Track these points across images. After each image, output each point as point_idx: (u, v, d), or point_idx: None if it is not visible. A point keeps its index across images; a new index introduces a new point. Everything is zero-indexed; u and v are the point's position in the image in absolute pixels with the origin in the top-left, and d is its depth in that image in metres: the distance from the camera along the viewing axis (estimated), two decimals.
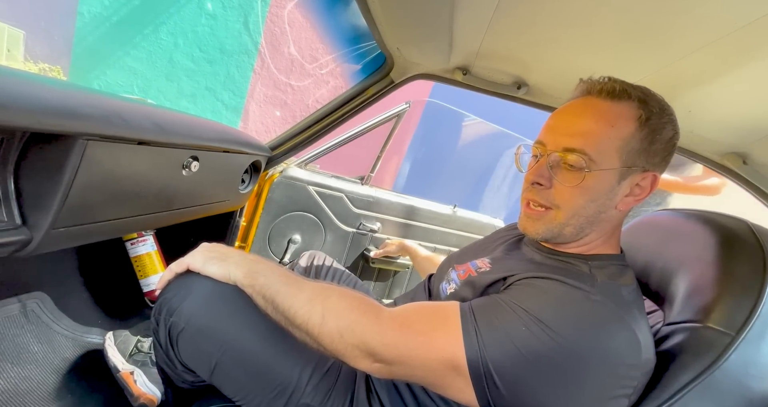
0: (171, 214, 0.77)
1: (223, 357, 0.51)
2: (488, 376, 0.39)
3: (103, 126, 0.46)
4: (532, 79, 0.87)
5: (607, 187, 0.48)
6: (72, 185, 0.45)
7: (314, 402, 0.52)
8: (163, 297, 0.53)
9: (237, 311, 0.52)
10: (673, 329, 0.47)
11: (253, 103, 3.52)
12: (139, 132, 0.54)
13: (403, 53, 0.91)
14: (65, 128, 0.40)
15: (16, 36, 2.68)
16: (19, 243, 0.44)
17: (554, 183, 0.50)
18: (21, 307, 0.80)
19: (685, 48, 0.55)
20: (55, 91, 0.42)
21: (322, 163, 1.34)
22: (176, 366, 0.55)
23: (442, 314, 0.45)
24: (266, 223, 1.24)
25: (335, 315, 0.46)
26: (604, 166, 0.47)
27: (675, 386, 0.41)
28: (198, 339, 0.51)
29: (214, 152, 0.79)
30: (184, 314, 0.51)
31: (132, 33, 3.07)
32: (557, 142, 0.50)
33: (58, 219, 0.46)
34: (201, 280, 0.53)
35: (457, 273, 0.61)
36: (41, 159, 0.44)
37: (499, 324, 0.42)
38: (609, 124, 0.47)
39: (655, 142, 0.48)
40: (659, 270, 0.57)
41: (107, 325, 0.98)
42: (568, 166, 0.48)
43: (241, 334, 0.51)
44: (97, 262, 1.03)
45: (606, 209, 0.50)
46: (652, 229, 0.66)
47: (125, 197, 0.59)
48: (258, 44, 3.37)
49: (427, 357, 0.42)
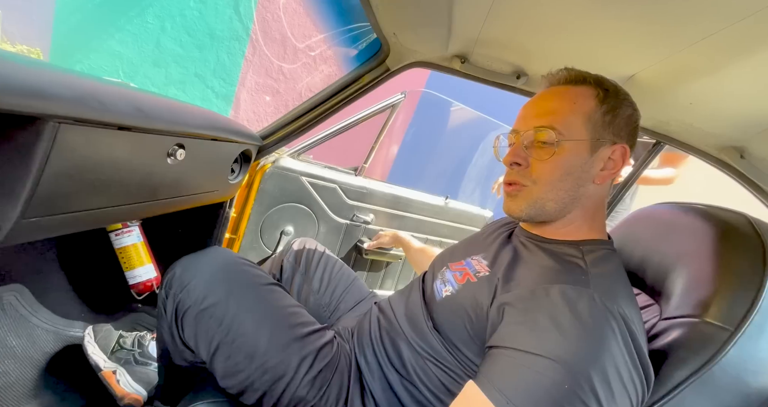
0: (156, 204, 0.73)
1: (225, 339, 0.52)
2: None
3: (78, 108, 0.42)
4: (532, 69, 0.85)
5: (580, 159, 0.51)
6: (43, 172, 0.42)
7: (309, 395, 0.52)
8: (174, 273, 0.55)
9: (244, 297, 0.54)
10: (670, 324, 0.47)
11: (244, 91, 3.43)
12: (119, 116, 0.50)
13: (399, 39, 0.87)
14: (32, 109, 0.37)
15: None
16: None
17: (530, 161, 0.54)
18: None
19: (686, 39, 0.54)
20: (23, 68, 0.38)
21: (315, 152, 1.31)
22: (177, 344, 0.54)
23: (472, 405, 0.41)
24: (258, 215, 1.22)
25: None
26: (573, 137, 0.51)
27: (672, 381, 0.41)
28: (203, 319, 0.52)
29: (201, 140, 0.75)
30: (192, 293, 0.53)
31: (116, 15, 2.94)
32: (528, 124, 0.54)
33: (28, 208, 0.43)
34: (212, 259, 0.55)
35: (453, 274, 0.60)
36: (7, 143, 0.40)
37: (524, 386, 0.39)
38: (571, 102, 0.52)
39: (617, 117, 0.52)
40: (656, 264, 0.57)
41: (91, 319, 0.95)
42: (540, 143, 0.52)
43: (245, 320, 0.53)
44: (80, 254, 0.99)
45: (583, 182, 0.52)
46: (649, 223, 0.65)
47: (105, 186, 0.56)
48: (249, 30, 3.26)
49: None
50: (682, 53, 0.58)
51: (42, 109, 0.38)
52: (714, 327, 0.42)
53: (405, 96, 1.33)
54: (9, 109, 0.34)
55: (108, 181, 0.56)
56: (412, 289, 0.69)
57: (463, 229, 1.63)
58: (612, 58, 0.67)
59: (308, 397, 0.52)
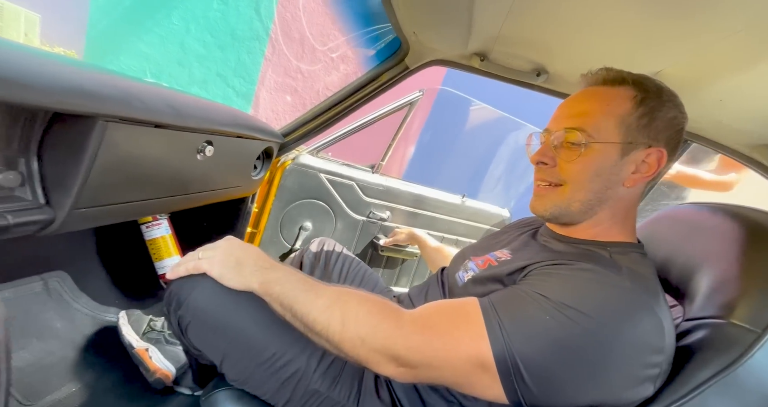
0: (185, 198, 0.78)
1: (229, 348, 0.52)
2: (516, 370, 0.39)
3: (123, 108, 0.46)
4: (553, 66, 0.84)
5: (609, 161, 0.50)
6: (93, 166, 0.46)
7: (322, 388, 0.53)
8: (171, 290, 0.54)
9: (242, 303, 0.53)
10: (695, 324, 0.46)
11: (263, 90, 3.51)
12: (157, 115, 0.54)
13: (419, 38, 0.88)
14: (87, 109, 0.40)
15: (32, 20, 2.70)
16: (43, 223, 0.45)
17: (558, 161, 0.53)
18: (43, 285, 0.83)
19: (716, 34, 0.52)
20: (77, 71, 0.42)
21: (333, 149, 1.34)
22: (192, 349, 0.57)
23: (463, 312, 0.45)
24: (278, 210, 1.25)
25: (355, 320, 0.45)
26: (602, 139, 0.50)
27: (695, 381, 0.41)
28: (205, 332, 0.52)
29: (228, 137, 0.79)
30: (190, 308, 0.52)
31: (144, 18, 3.06)
32: (559, 124, 0.54)
33: (79, 199, 0.46)
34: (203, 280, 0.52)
35: (475, 263, 0.61)
36: (63, 140, 0.44)
37: (522, 316, 0.41)
38: (605, 103, 0.51)
39: (656, 120, 0.50)
40: (681, 265, 0.56)
41: (123, 305, 1.01)
42: (569, 143, 0.52)
43: (247, 326, 0.52)
44: (114, 244, 1.05)
45: (612, 184, 0.51)
46: (674, 223, 0.64)
47: (142, 180, 0.60)
48: (269, 30, 3.33)
49: (453, 356, 0.41)
50: (711, 48, 0.56)
51: (95, 109, 0.41)
52: (740, 329, 0.41)
53: (423, 93, 1.33)
54: (67, 109, 0.37)
55: (145, 175, 0.60)
56: (431, 284, 0.71)
57: (480, 228, 1.62)
58: (637, 54, 0.66)
59: (321, 389, 0.52)
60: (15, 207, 0.41)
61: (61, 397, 0.72)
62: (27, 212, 0.42)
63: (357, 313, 0.46)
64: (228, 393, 0.53)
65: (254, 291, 0.51)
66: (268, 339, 0.52)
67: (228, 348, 0.52)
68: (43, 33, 2.83)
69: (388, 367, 0.44)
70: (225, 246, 0.56)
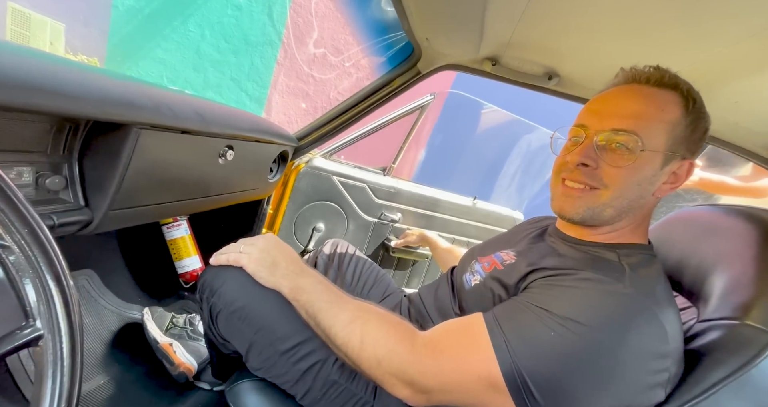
0: (207, 200, 0.81)
1: (256, 338, 0.55)
2: (525, 388, 0.39)
3: (155, 115, 0.49)
4: (565, 70, 0.85)
5: (652, 171, 0.49)
6: (127, 171, 0.49)
7: (341, 379, 0.55)
8: (206, 279, 0.58)
9: (270, 296, 0.56)
10: (708, 326, 0.46)
11: (276, 94, 3.57)
12: (184, 121, 0.57)
13: (432, 43, 0.90)
14: (124, 118, 0.43)
15: (57, 29, 2.82)
16: (83, 223, 0.48)
17: (601, 163, 0.50)
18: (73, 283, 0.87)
19: (732, 36, 0.53)
20: (113, 82, 0.45)
21: (345, 151, 1.36)
22: (218, 339, 0.60)
23: (470, 332, 0.45)
24: (292, 212, 1.28)
25: (374, 342, 0.46)
26: (653, 147, 0.48)
27: (708, 382, 0.41)
28: (234, 321, 0.55)
29: (247, 141, 0.82)
30: (222, 297, 0.55)
31: (162, 25, 3.16)
32: (604, 123, 0.50)
33: (114, 201, 0.50)
34: (235, 273, 0.57)
35: (481, 265, 0.62)
36: (101, 146, 0.48)
37: (527, 332, 0.41)
38: (659, 108, 0.48)
39: (696, 131, 0.49)
40: (694, 266, 0.56)
41: (146, 302, 1.06)
42: (619, 145, 0.48)
43: (273, 318, 0.55)
44: (136, 245, 1.10)
45: (646, 195, 0.50)
46: (688, 225, 0.64)
47: (169, 183, 0.63)
48: (281, 35, 3.40)
49: (464, 379, 0.42)
50: (726, 51, 0.56)
51: (130, 117, 0.44)
52: (755, 330, 0.42)
53: (434, 97, 1.35)
54: (108, 118, 0.41)
55: (172, 178, 0.63)
56: (441, 283, 0.72)
57: (491, 230, 1.62)
58: (651, 56, 0.66)
59: (340, 381, 0.54)
60: (59, 209, 0.45)
61: (90, 389, 0.75)
62: (69, 213, 0.46)
63: (376, 334, 0.47)
64: (251, 385, 0.56)
65: (284, 294, 0.55)
66: (292, 331, 0.55)
67: (254, 338, 0.55)
68: (68, 41, 2.95)
69: (403, 391, 0.44)
70: (263, 244, 0.59)
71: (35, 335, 0.19)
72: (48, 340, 0.19)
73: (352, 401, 0.55)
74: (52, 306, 0.20)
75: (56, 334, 0.20)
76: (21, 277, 0.19)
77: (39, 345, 0.19)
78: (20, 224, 0.19)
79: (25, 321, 0.19)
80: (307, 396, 0.55)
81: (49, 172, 0.44)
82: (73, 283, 0.21)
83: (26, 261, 0.19)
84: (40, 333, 0.19)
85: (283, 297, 0.56)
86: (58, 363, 0.19)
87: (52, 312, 0.20)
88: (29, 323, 0.19)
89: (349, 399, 0.55)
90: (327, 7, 3.42)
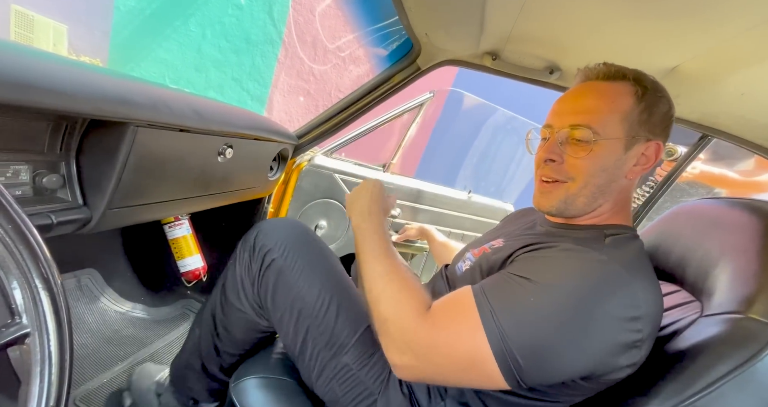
0: (207, 199, 0.81)
1: (295, 302, 0.60)
2: (511, 356, 0.40)
3: (152, 113, 0.49)
4: (566, 63, 0.83)
5: (614, 157, 0.52)
6: (125, 169, 0.49)
7: (354, 363, 0.57)
8: (257, 234, 0.66)
9: (317, 265, 0.63)
10: (712, 320, 0.46)
11: (277, 93, 3.57)
12: (182, 119, 0.57)
13: (431, 39, 0.89)
14: (121, 115, 0.43)
15: (60, 30, 2.83)
16: (81, 222, 0.48)
17: (565, 157, 0.54)
18: (77, 282, 0.88)
19: (735, 27, 0.51)
20: (111, 80, 0.45)
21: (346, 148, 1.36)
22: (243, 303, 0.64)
23: (458, 304, 0.47)
24: (295, 210, 1.28)
25: (386, 301, 0.50)
26: (609, 136, 0.51)
27: (712, 376, 0.40)
28: (281, 281, 0.61)
29: (246, 139, 0.82)
30: (276, 255, 0.62)
31: (163, 25, 3.17)
32: (563, 121, 0.54)
33: (113, 200, 0.50)
34: (291, 226, 0.66)
35: (472, 253, 0.64)
36: (98, 145, 0.48)
37: (511, 301, 0.43)
38: (610, 100, 0.52)
39: (654, 115, 0.52)
40: (698, 260, 0.55)
41: (149, 302, 1.06)
42: (575, 140, 0.53)
43: (315, 288, 0.61)
44: (139, 244, 1.10)
45: (616, 178, 0.53)
46: (692, 218, 0.63)
47: (168, 181, 0.63)
48: (282, 33, 3.39)
49: (453, 351, 0.43)
50: (731, 42, 0.55)
51: (128, 115, 0.44)
52: (759, 324, 0.41)
53: (433, 95, 1.34)
54: (105, 116, 0.41)
55: (170, 176, 0.63)
56: (437, 280, 0.73)
57: (486, 223, 1.65)
58: (653, 49, 0.65)
59: (353, 366, 0.57)
60: (57, 208, 0.45)
61: (95, 386, 0.76)
62: (67, 212, 0.46)
63: (393, 295, 0.50)
64: (255, 381, 0.56)
65: (353, 226, 0.62)
66: (327, 304, 0.60)
67: (293, 301, 0.60)
68: (71, 43, 2.97)
69: (395, 355, 0.47)
70: (368, 183, 0.67)
71: (21, 333, 0.19)
72: (35, 338, 0.19)
73: (359, 389, 0.57)
74: (39, 303, 0.19)
75: (43, 332, 0.19)
76: (6, 274, 0.19)
77: (26, 343, 0.19)
78: (4, 220, 0.19)
79: (11, 318, 0.19)
80: (322, 375, 0.57)
81: (46, 171, 0.44)
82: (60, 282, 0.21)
83: (11, 258, 0.19)
84: (27, 330, 0.19)
85: (331, 267, 0.64)
86: (46, 361, 0.19)
87: (39, 310, 0.19)
88: (15, 321, 0.19)
89: (356, 385, 0.57)
90: (327, 5, 3.40)
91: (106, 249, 1.01)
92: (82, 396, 0.72)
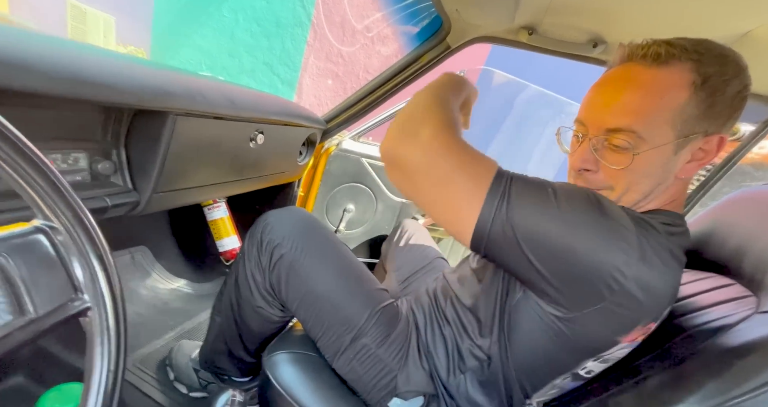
0: (241, 183, 0.85)
1: (309, 289, 0.61)
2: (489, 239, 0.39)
3: (189, 103, 0.51)
4: (612, 35, 0.76)
5: (661, 162, 0.44)
6: (167, 155, 0.52)
7: (373, 343, 0.58)
8: (263, 226, 0.64)
9: (326, 251, 0.63)
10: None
11: (306, 77, 3.59)
12: (216, 107, 0.59)
13: (462, 14, 0.84)
14: (162, 105, 0.46)
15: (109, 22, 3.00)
16: (132, 205, 0.53)
17: (601, 166, 0.46)
18: (131, 258, 0.98)
19: None
20: (152, 72, 0.47)
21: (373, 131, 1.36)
22: (260, 291, 0.65)
23: (477, 168, 0.41)
24: (323, 194, 1.31)
25: (415, 105, 0.45)
26: (656, 142, 0.42)
27: (762, 378, 0.38)
28: (293, 271, 0.61)
29: (276, 125, 0.84)
30: (284, 246, 0.61)
31: (199, 12, 3.25)
32: (598, 121, 0.45)
33: (157, 184, 0.54)
34: (295, 216, 0.65)
35: None
36: (143, 133, 0.51)
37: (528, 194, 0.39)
38: (658, 95, 0.42)
39: (717, 104, 0.42)
40: (758, 252, 0.50)
41: (193, 277, 1.16)
42: (613, 146, 0.44)
43: (327, 274, 0.61)
44: (184, 225, 1.19)
45: (664, 181, 0.45)
46: (753, 206, 0.57)
47: (205, 166, 0.67)
48: (311, 15, 3.36)
49: (438, 200, 0.41)
50: None
51: (167, 105, 0.47)
52: None
53: (464, 74, 1.28)
54: (148, 107, 0.43)
55: (207, 162, 0.67)
56: (462, 265, 0.72)
57: None
58: (718, 14, 0.57)
59: (371, 345, 0.58)
60: (111, 192, 0.49)
61: (150, 351, 0.85)
62: (120, 195, 0.50)
63: (427, 103, 0.44)
64: (287, 356, 0.60)
65: None
66: (341, 288, 0.61)
67: (308, 289, 0.60)
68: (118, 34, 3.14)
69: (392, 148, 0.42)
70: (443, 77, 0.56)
71: (84, 307, 0.22)
72: (95, 312, 0.22)
73: (379, 366, 0.58)
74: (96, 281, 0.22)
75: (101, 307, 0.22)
76: (69, 255, 0.22)
77: (88, 315, 0.22)
78: (65, 208, 0.21)
79: (75, 294, 0.22)
80: (342, 357, 0.59)
81: (100, 158, 0.48)
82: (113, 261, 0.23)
83: (72, 241, 0.21)
84: (88, 305, 0.22)
85: (338, 252, 0.64)
86: (105, 332, 0.22)
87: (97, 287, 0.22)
88: (78, 296, 0.22)
89: (376, 363, 0.58)
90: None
91: (156, 229, 1.10)
92: (138, 361, 0.81)
